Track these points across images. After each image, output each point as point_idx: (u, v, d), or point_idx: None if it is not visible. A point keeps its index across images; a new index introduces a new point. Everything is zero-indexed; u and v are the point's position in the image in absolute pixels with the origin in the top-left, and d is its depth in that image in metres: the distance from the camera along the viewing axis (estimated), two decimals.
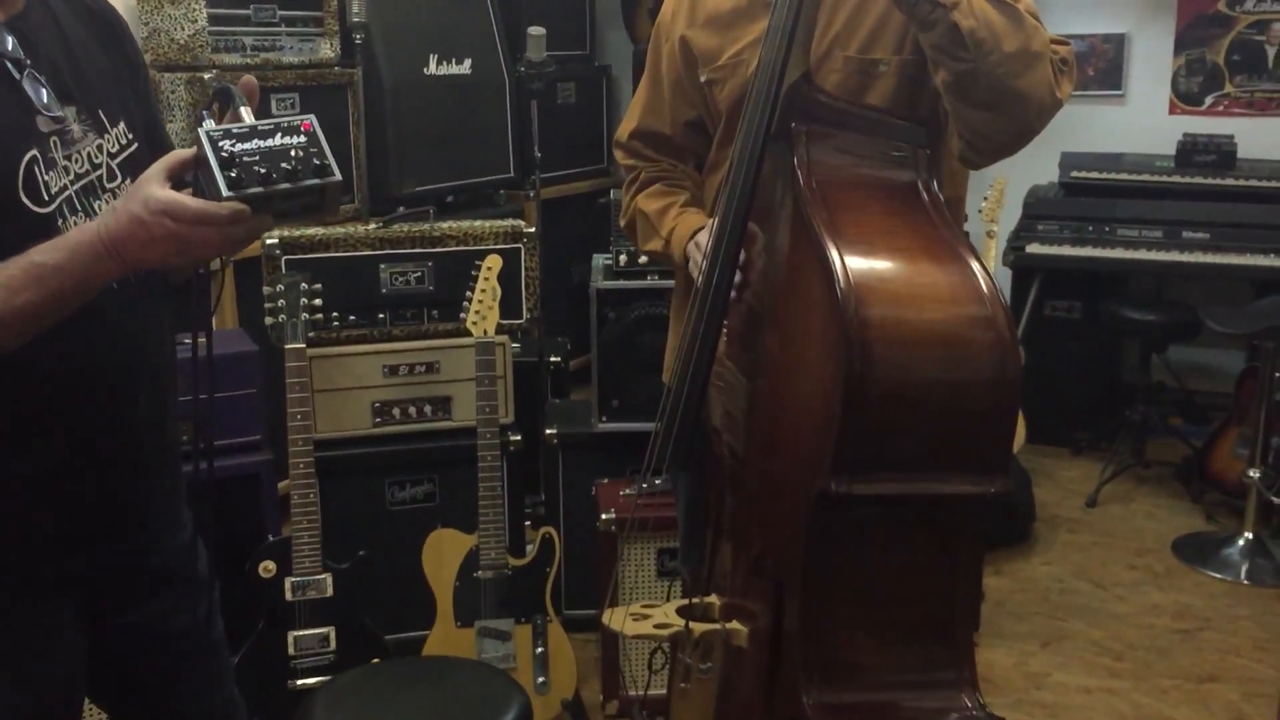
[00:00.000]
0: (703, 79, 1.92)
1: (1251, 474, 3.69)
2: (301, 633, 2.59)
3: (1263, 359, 3.71)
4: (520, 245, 3.06)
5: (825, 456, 1.39)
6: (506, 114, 4.55)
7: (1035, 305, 4.45)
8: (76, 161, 1.44)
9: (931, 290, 1.42)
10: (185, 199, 1.27)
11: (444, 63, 4.26)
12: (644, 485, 2.76)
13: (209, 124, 1.32)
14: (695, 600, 1.75)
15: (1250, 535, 3.73)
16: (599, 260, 3.29)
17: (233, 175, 1.29)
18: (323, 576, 2.59)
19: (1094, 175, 4.51)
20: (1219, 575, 3.65)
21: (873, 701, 1.47)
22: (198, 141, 1.28)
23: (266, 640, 2.58)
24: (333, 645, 2.60)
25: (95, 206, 1.45)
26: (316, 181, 1.32)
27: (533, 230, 3.08)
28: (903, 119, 1.65)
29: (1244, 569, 3.67)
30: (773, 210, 1.63)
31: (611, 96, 5.42)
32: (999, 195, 4.13)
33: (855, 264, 1.40)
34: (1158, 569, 3.71)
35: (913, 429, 1.39)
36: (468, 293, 2.77)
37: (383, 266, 2.98)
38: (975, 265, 1.44)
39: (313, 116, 1.37)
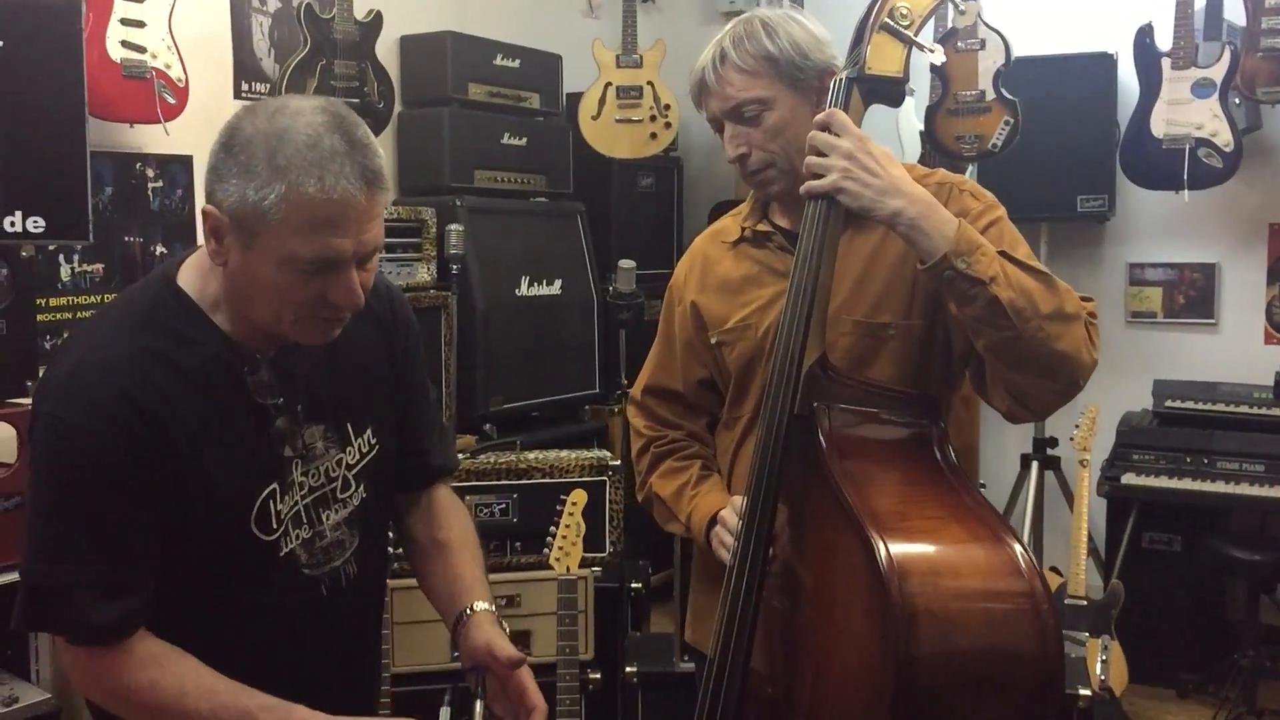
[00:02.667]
0: (713, 340, 1.96)
1: None
2: None
3: None
4: (605, 478, 3.06)
5: None
6: (594, 331, 4.63)
7: (1133, 537, 4.29)
8: (313, 476, 1.51)
9: (968, 561, 1.46)
10: None
11: (535, 284, 4.37)
12: None
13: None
14: None
15: None
16: None
17: None
18: None
19: (1190, 405, 4.40)
20: None
21: None
22: None
23: None
24: None
25: (322, 517, 1.52)
26: None
27: (618, 463, 3.07)
28: (911, 392, 1.71)
29: None
30: (797, 482, 1.65)
31: None
32: (1091, 422, 4.05)
33: (891, 536, 1.44)
34: None
35: (961, 699, 1.40)
36: (552, 528, 2.75)
37: (469, 498, 2.98)
38: (1005, 535, 1.48)
39: None
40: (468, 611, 1.65)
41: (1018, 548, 1.44)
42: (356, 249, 1.37)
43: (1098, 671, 3.61)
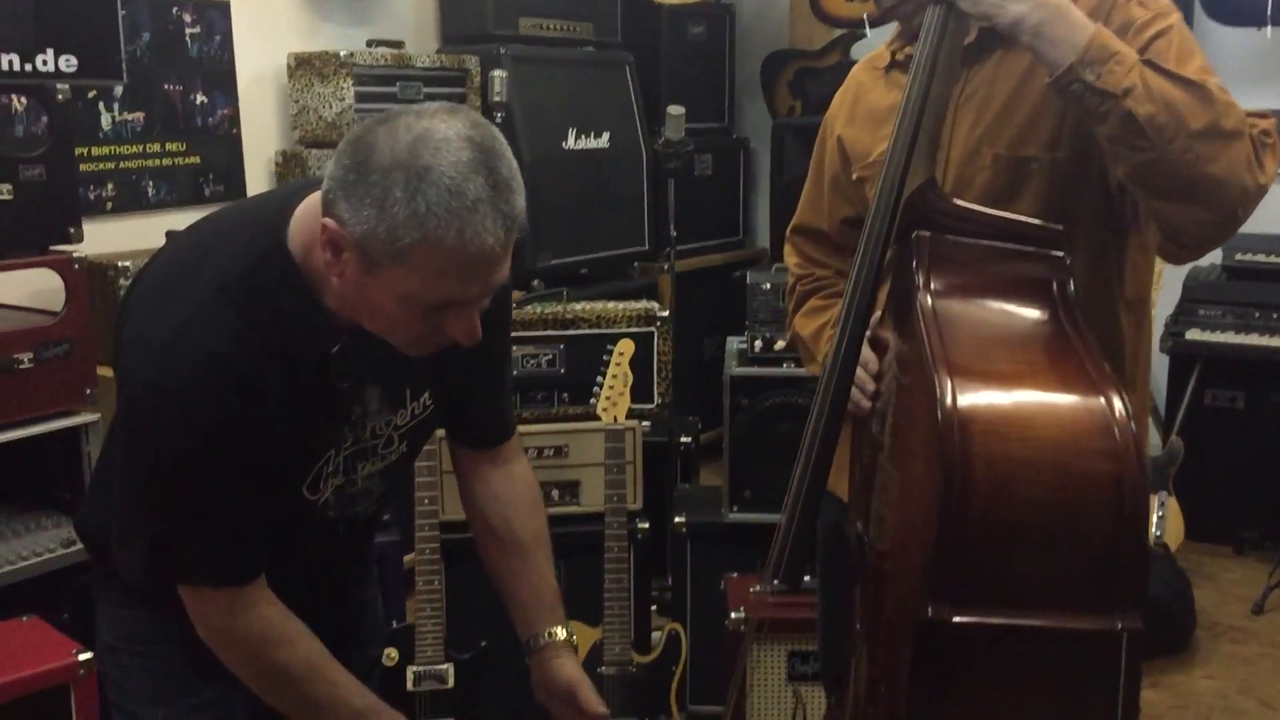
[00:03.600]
0: (854, 177, 1.85)
1: None
2: None
3: None
4: (653, 329, 3.01)
5: (925, 579, 1.31)
6: (643, 186, 4.53)
7: (1195, 394, 4.19)
8: (359, 431, 1.49)
9: (1048, 412, 1.34)
10: None
11: (583, 136, 4.26)
12: (775, 583, 2.66)
13: None
14: None
15: None
16: (733, 344, 3.21)
17: None
18: (444, 667, 2.54)
19: (1260, 259, 4.24)
20: None
21: None
22: None
23: None
24: None
25: (358, 468, 1.52)
26: None
27: (666, 314, 3.02)
28: (1034, 223, 1.54)
29: None
30: (902, 316, 1.56)
31: (749, 169, 5.37)
32: (1157, 277, 3.91)
33: (963, 382, 1.34)
34: None
35: (1018, 557, 1.30)
36: (599, 378, 2.71)
37: (515, 348, 2.95)
38: (1108, 389, 1.34)
39: None
40: (546, 637, 1.68)
41: (1117, 404, 1.31)
42: (482, 292, 1.32)
43: (1154, 528, 3.56)
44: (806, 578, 2.49)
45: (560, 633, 1.68)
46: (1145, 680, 3.17)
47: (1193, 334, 4.15)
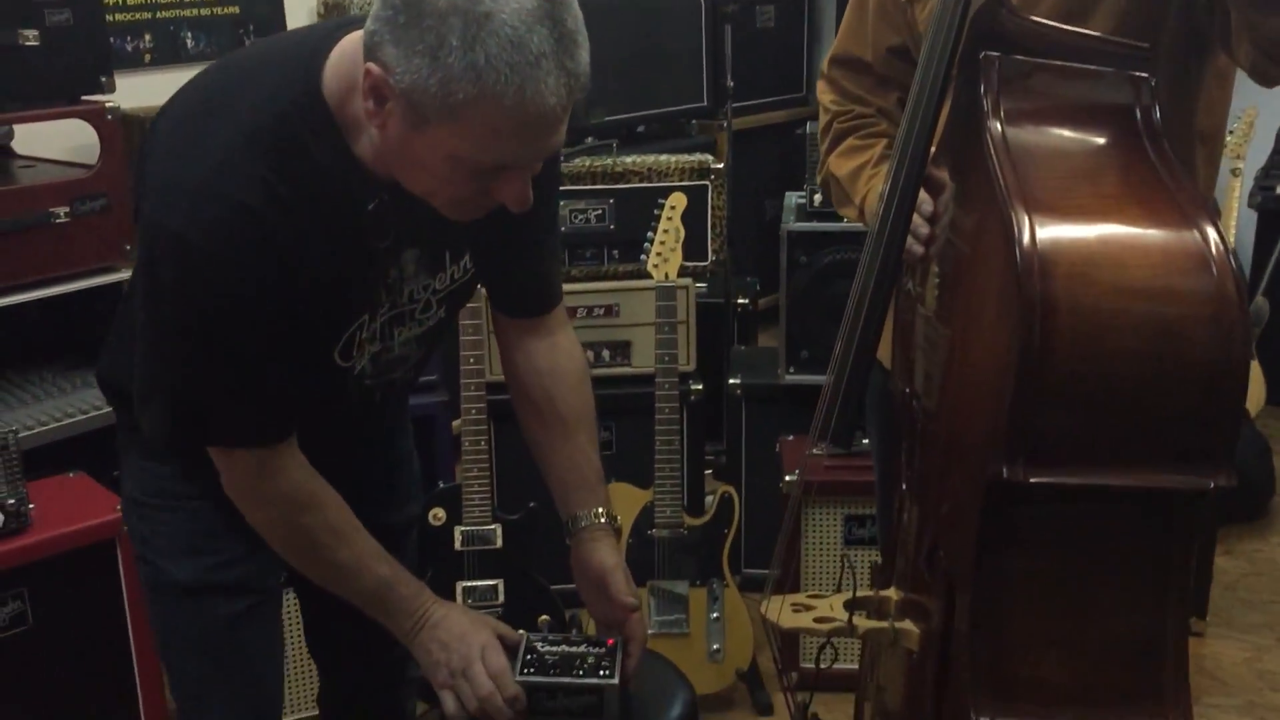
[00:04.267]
0: None
1: None
2: (470, 584, 2.51)
3: None
4: (707, 182, 2.87)
5: (999, 439, 1.20)
6: (701, 39, 4.32)
7: None
8: (397, 295, 1.41)
9: (1138, 249, 1.21)
10: (501, 663, 1.46)
11: None
12: (825, 445, 2.57)
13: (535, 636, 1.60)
14: (869, 593, 1.56)
15: None
16: (791, 199, 3.06)
17: (528, 659, 1.58)
18: (492, 527, 2.50)
19: None
20: None
21: None
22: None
23: (434, 589, 2.50)
24: (501, 598, 2.51)
25: (395, 334, 1.45)
26: (593, 681, 1.58)
27: (721, 166, 2.88)
28: (1114, 40, 1.39)
29: None
30: (962, 150, 1.42)
31: (814, 20, 5.10)
32: (1248, 128, 3.67)
33: (1042, 218, 1.21)
34: None
35: (1105, 411, 1.20)
36: (649, 233, 2.60)
37: (563, 203, 2.83)
38: (1201, 220, 1.21)
39: (620, 639, 1.61)
40: (586, 519, 1.63)
41: (1212, 235, 1.19)
42: (539, 155, 1.23)
43: None
44: (865, 440, 2.41)
45: (600, 516, 1.63)
46: (1219, 547, 3.07)
47: None
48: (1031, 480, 1.20)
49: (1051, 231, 1.21)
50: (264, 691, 1.62)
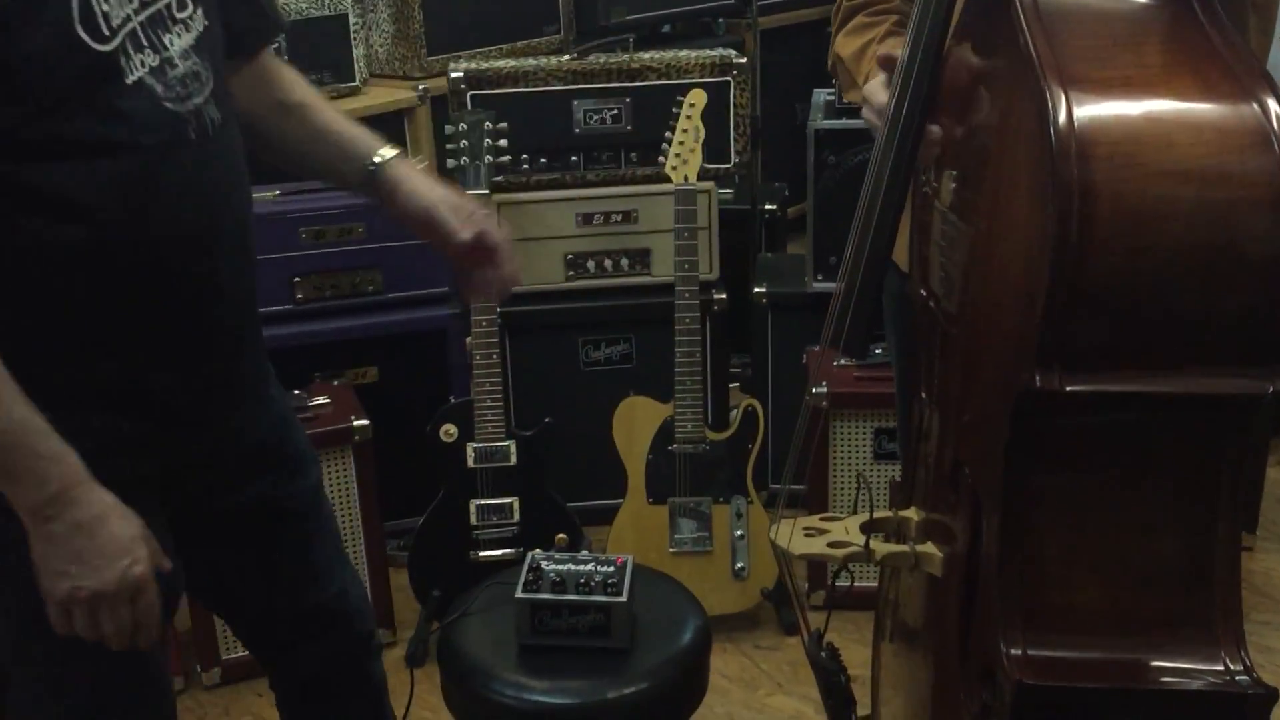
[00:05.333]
0: None
1: None
2: (484, 502, 2.43)
3: None
4: (729, 79, 2.70)
5: (1030, 342, 1.08)
6: None
7: None
8: None
9: (1188, 126, 1.07)
10: (154, 605, 1.22)
11: None
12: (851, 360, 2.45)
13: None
14: (887, 514, 1.44)
15: None
16: (820, 96, 2.89)
17: (530, 578, 1.70)
18: (506, 444, 2.41)
19: None
20: None
21: (1094, 660, 1.15)
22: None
23: (447, 508, 2.44)
24: (516, 517, 2.43)
25: (165, 41, 1.24)
26: (600, 599, 1.68)
27: (743, 61, 2.71)
28: None
29: None
30: (986, 17, 1.26)
31: None
32: None
33: (1079, 92, 1.07)
34: None
35: (1151, 310, 1.07)
36: (668, 134, 2.45)
37: (576, 103, 2.69)
38: (1261, 91, 1.06)
39: (630, 558, 1.76)
40: (375, 161, 1.45)
41: (1274, 108, 1.05)
42: None
43: None
44: (877, 350, 2.28)
45: (388, 150, 1.47)
46: (1271, 458, 2.93)
47: None
48: (1068, 389, 1.08)
49: (1090, 108, 1.07)
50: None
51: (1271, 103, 1.05)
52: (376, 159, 1.46)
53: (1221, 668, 1.11)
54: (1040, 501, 1.17)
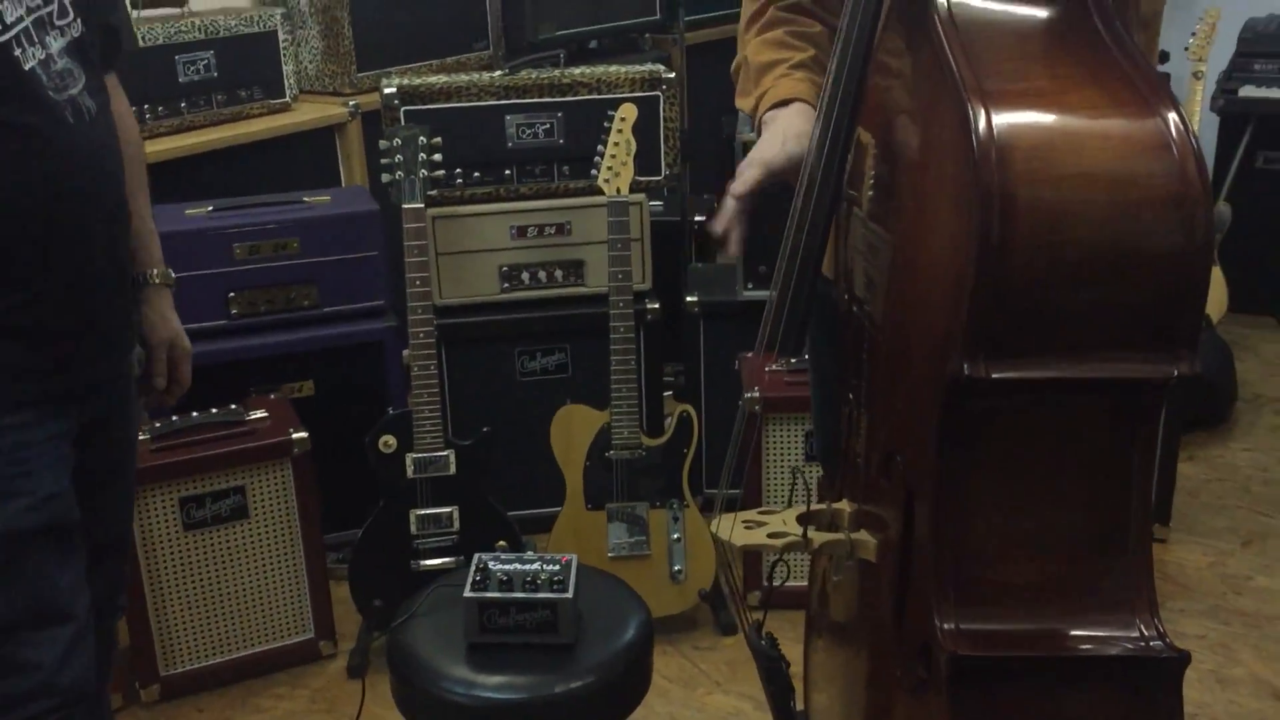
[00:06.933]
0: None
1: None
2: (424, 511, 2.45)
3: None
4: (659, 93, 2.77)
5: (957, 335, 1.15)
6: None
7: (1246, 156, 3.92)
8: None
9: (1097, 134, 1.16)
10: None
11: None
12: (791, 361, 2.51)
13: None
14: (821, 506, 1.51)
15: None
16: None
17: (478, 578, 1.77)
18: (445, 453, 2.44)
19: None
20: None
21: (1021, 631, 1.22)
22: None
23: (387, 519, 2.46)
24: (456, 525, 2.46)
25: (46, 40, 1.47)
26: (546, 595, 1.74)
27: (673, 75, 2.78)
28: None
29: None
30: (903, 32, 1.34)
31: None
32: (1210, 30, 3.60)
33: (999, 104, 1.14)
34: None
35: (1068, 299, 1.14)
36: (599, 147, 2.51)
37: (509, 118, 2.73)
38: (1160, 101, 1.15)
39: (574, 556, 1.83)
40: (143, 279, 1.74)
41: (1172, 118, 1.13)
42: None
43: None
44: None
45: (155, 274, 1.75)
46: (1182, 454, 3.06)
47: (1247, 91, 3.85)
48: (994, 376, 1.15)
49: (1007, 118, 1.14)
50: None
51: (1169, 113, 1.14)
52: (147, 274, 1.74)
53: (1137, 634, 1.18)
54: (969, 486, 1.23)
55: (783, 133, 1.51)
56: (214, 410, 2.47)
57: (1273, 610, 2.65)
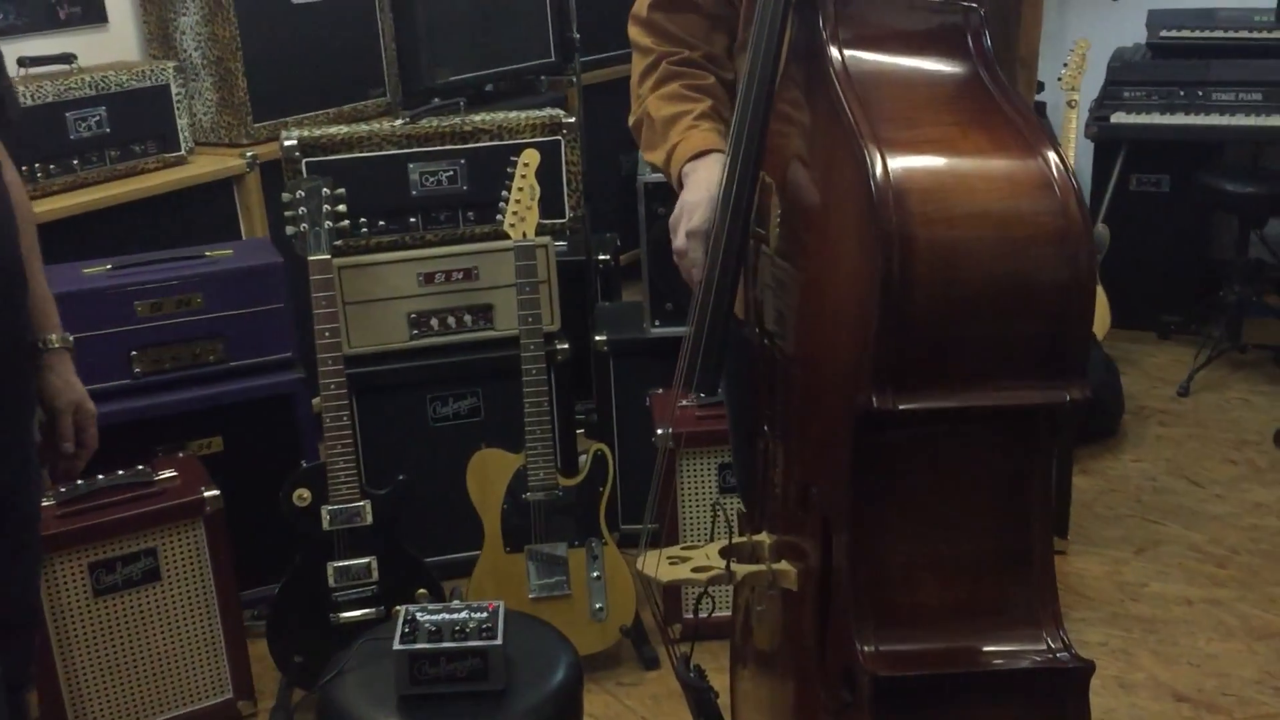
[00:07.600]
0: None
1: None
2: (341, 564, 2.44)
3: None
4: (560, 137, 2.82)
5: (865, 368, 1.21)
6: None
7: (1120, 179, 4.11)
8: None
9: (985, 176, 1.23)
10: None
11: None
12: (701, 396, 2.56)
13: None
14: (742, 539, 1.56)
15: None
16: None
17: (406, 630, 1.79)
18: (361, 504, 2.43)
19: (1185, 34, 4.12)
20: None
21: (938, 650, 1.28)
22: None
23: (304, 573, 2.44)
24: (374, 576, 2.45)
25: None
26: (476, 644, 1.77)
27: (573, 120, 2.83)
28: None
29: None
30: (800, 83, 1.40)
31: None
32: (1081, 60, 3.78)
33: (894, 151, 1.21)
34: (1260, 463, 3.44)
35: (966, 332, 1.21)
36: (504, 192, 2.54)
37: (411, 166, 2.75)
38: (1041, 144, 1.24)
39: (501, 602, 1.89)
40: (42, 344, 1.72)
41: (1053, 158, 1.22)
42: None
43: None
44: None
45: (54, 339, 1.74)
46: (1075, 467, 3.18)
47: (1118, 117, 4.04)
48: (901, 407, 1.20)
49: (901, 163, 1.20)
50: None
51: (1050, 153, 1.22)
52: (46, 340, 1.72)
53: (1044, 647, 1.25)
54: (882, 512, 1.28)
55: (706, 186, 1.56)
56: (121, 472, 2.42)
57: (1168, 615, 2.77)
